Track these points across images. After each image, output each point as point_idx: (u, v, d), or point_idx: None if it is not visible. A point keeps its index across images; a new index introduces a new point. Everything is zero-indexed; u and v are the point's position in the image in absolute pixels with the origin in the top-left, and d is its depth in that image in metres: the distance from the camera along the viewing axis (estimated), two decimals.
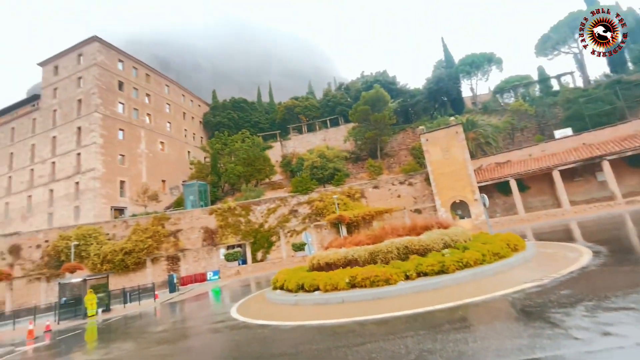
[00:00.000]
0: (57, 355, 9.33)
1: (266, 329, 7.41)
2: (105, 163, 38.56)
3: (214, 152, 46.88)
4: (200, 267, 29.77)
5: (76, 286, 18.56)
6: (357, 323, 6.50)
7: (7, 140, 45.08)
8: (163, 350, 7.46)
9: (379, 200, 33.69)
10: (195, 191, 37.49)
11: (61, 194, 38.79)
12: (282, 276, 11.88)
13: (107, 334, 11.38)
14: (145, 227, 30.66)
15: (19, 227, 38.19)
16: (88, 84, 40.62)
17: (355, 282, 8.80)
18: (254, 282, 20.79)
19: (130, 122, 43.51)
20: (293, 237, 31.34)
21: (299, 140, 57.63)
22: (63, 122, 41.20)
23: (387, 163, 46.20)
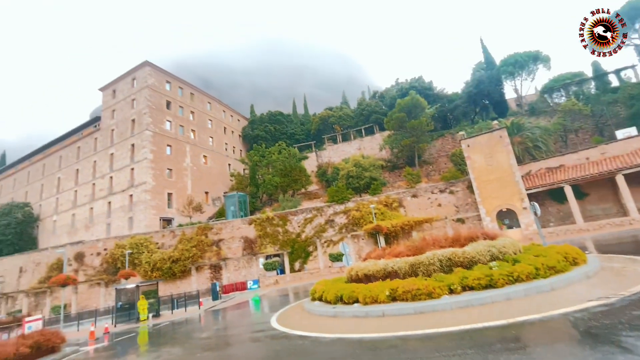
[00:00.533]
0: (114, 356, 10.05)
1: (306, 340, 7.40)
2: (155, 177, 41.56)
3: (252, 164, 48.64)
4: (241, 276, 30.65)
5: (130, 292, 19.99)
6: (399, 338, 6.26)
7: (73, 158, 50.42)
8: (207, 357, 7.73)
9: (417, 210, 32.61)
10: (236, 202, 39.00)
11: (117, 205, 42.35)
12: (320, 287, 11.85)
13: (157, 338, 12.06)
14: (190, 236, 32.36)
15: (83, 236, 42.21)
16: (140, 105, 44.40)
17: (395, 295, 8.53)
18: (292, 292, 20.95)
19: (176, 138, 46.68)
20: (330, 247, 31.24)
21: (334, 150, 57.93)
22: (119, 140, 45.26)
23: (425, 171, 44.77)
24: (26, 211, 49.09)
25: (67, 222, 46.99)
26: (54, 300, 30.14)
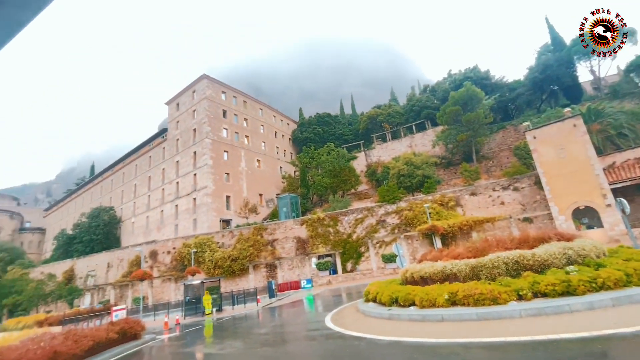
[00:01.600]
0: (185, 345, 11.02)
1: (361, 342, 7.34)
2: (215, 181, 44.70)
3: (302, 166, 49.75)
4: (295, 275, 31.50)
5: (196, 287, 21.75)
6: (460, 345, 5.90)
7: (146, 166, 56.48)
8: (266, 352, 8.07)
9: (477, 209, 30.45)
10: (288, 203, 40.22)
11: (183, 208, 46.39)
12: (374, 288, 11.68)
13: (220, 331, 12.94)
14: (247, 236, 34.17)
15: (155, 236, 47.02)
16: (200, 115, 48.15)
17: (455, 299, 8.05)
18: (345, 292, 20.94)
19: (232, 144, 49.71)
20: (382, 248, 30.62)
21: (384, 149, 56.76)
22: (183, 149, 49.56)
23: (484, 167, 41.67)
24: (111, 214, 56.17)
25: (142, 223, 52.76)
26: (135, 292, 34.03)
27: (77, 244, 51.90)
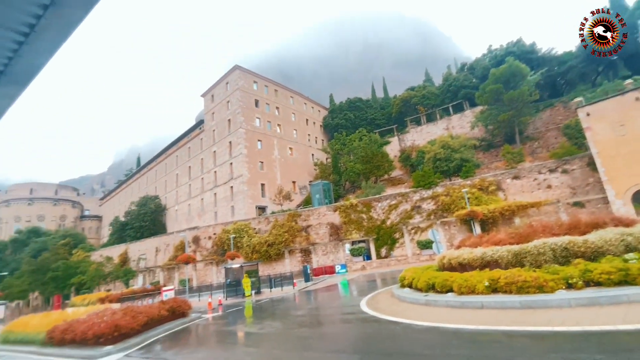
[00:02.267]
0: (228, 324, 11.74)
1: (397, 326, 7.36)
2: (250, 169, 46.09)
3: (334, 152, 49.64)
4: (329, 260, 32.00)
5: (236, 271, 22.89)
6: (503, 333, 5.71)
7: (186, 157, 59.47)
8: (303, 333, 8.38)
9: (520, 193, 28.72)
10: (320, 190, 40.55)
11: (222, 196, 48.50)
12: (410, 274, 11.57)
13: (259, 312, 13.59)
14: (282, 223, 35.09)
15: (197, 222, 49.82)
16: (234, 106, 49.43)
17: (497, 287, 7.75)
18: (379, 278, 20.95)
19: (265, 133, 50.67)
20: (418, 234, 30.04)
21: (418, 133, 54.89)
22: (219, 139, 51.40)
23: (529, 148, 38.98)
24: (156, 202, 60.23)
25: (185, 211, 56.06)
26: (181, 274, 36.59)
27: (129, 230, 56.52)
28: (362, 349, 6.07)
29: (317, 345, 7.01)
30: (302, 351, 6.54)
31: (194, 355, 7.57)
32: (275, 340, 7.98)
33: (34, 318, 14.04)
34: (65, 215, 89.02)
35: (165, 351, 8.47)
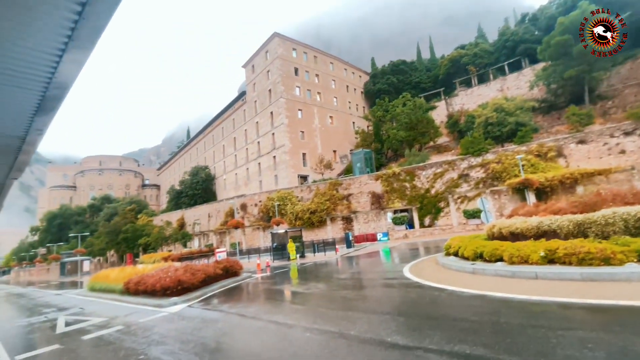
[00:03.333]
0: (276, 284, 12.59)
1: (442, 292, 7.32)
2: (291, 139, 46.67)
3: (375, 120, 48.14)
4: (370, 228, 32.24)
5: (281, 236, 24.09)
6: (558, 304, 5.42)
7: (231, 128, 61.69)
8: (347, 295, 8.71)
9: (586, 159, 25.91)
10: (362, 158, 40.08)
11: (265, 166, 50.18)
12: (456, 242, 11.27)
13: (304, 274, 14.33)
14: (324, 191, 35.66)
15: (243, 191, 52.52)
16: (274, 75, 49.37)
17: (554, 257, 7.26)
18: (422, 246, 20.75)
19: (305, 102, 50.35)
20: (464, 203, 28.84)
21: (468, 96, 50.86)
22: (261, 110, 52.25)
23: (600, 109, 34.44)
24: (206, 172, 64.20)
25: (232, 180, 59.19)
26: (231, 238, 39.45)
27: (183, 198, 61.46)
28: (406, 312, 6.18)
29: (361, 306, 7.26)
30: (346, 310, 6.83)
31: (247, 309, 8.29)
32: (320, 299, 8.41)
33: (112, 271, 16.25)
34: (129, 184, 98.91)
35: (222, 304, 9.38)
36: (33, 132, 2.39)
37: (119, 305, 11.47)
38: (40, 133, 2.43)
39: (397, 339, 4.69)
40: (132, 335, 7.02)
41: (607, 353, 3.45)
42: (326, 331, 5.53)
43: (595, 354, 3.46)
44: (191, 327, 7.08)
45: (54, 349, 6.85)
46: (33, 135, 2.42)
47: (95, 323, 8.90)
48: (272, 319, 6.91)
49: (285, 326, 6.25)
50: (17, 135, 2.39)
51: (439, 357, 3.90)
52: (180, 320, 7.92)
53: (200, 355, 5.14)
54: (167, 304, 10.08)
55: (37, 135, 2.46)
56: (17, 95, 2.14)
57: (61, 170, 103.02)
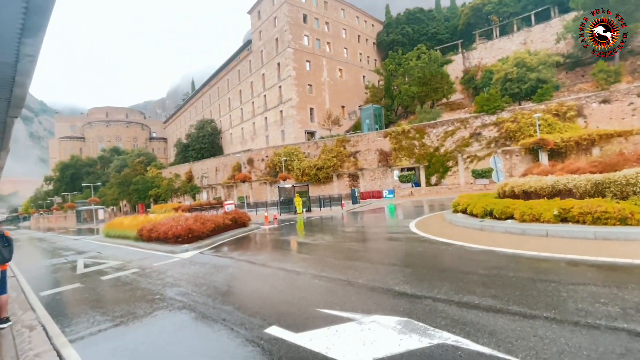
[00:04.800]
0: (283, 235, 12.91)
1: (449, 247, 7.37)
2: (298, 93, 45.18)
3: (387, 74, 45.90)
4: (376, 186, 32.35)
5: (288, 190, 24.33)
6: (567, 261, 5.39)
7: (236, 80, 59.68)
8: (353, 246, 8.87)
9: (607, 120, 24.81)
10: (371, 115, 38.98)
11: (272, 120, 49.29)
12: (464, 200, 11.19)
13: (310, 227, 14.64)
14: (331, 148, 35.27)
15: (250, 145, 52.31)
16: (281, 22, 46.35)
17: (567, 216, 7.14)
18: (427, 204, 20.85)
19: (314, 52, 47.82)
20: (473, 162, 28.42)
21: (487, 49, 47.69)
22: (267, 61, 49.97)
23: (631, 65, 32.23)
24: (212, 126, 63.56)
25: (238, 134, 58.70)
26: (239, 192, 40.14)
27: (190, 151, 61.67)
28: (413, 264, 6.25)
29: (368, 257, 7.39)
30: (353, 261, 6.96)
31: (256, 257, 8.54)
32: (327, 250, 8.59)
33: (126, 219, 16.77)
34: (137, 137, 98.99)
35: (232, 252, 9.68)
36: (24, 59, 2.14)
37: (133, 250, 11.97)
38: (32, 60, 2.18)
39: (405, 288, 4.76)
40: (147, 278, 7.34)
41: (621, 308, 3.42)
42: (334, 279, 5.66)
43: (609, 309, 3.43)
44: (203, 272, 7.35)
45: (75, 287, 7.23)
46: (24, 63, 2.18)
47: (112, 265, 9.33)
48: (280, 267, 7.11)
49: (293, 273, 6.42)
50: (7, 61, 2.15)
51: (447, 306, 3.94)
52: (192, 265, 8.22)
53: (213, 297, 5.34)
54: (179, 250, 10.45)
55: (29, 63, 2.21)
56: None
57: (68, 121, 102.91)
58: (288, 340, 3.47)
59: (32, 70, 2.48)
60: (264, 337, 3.62)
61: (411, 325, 3.53)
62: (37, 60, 2.35)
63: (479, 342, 3.02)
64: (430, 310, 3.87)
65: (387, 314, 3.87)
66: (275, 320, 4.04)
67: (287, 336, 3.58)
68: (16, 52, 2.21)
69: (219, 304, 4.98)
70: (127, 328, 4.39)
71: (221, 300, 5.17)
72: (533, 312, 3.54)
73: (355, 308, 4.17)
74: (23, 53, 2.21)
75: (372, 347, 3.13)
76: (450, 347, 3.01)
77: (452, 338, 3.16)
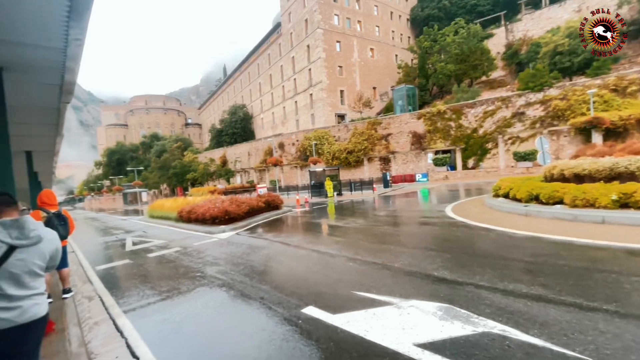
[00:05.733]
0: (315, 217, 13.01)
1: (490, 232, 7.01)
2: (328, 75, 44.44)
3: (421, 51, 43.66)
4: (409, 169, 31.50)
5: (318, 174, 24.39)
6: (629, 251, 4.90)
7: (266, 64, 59.80)
8: (387, 230, 8.72)
9: None
10: (404, 95, 37.57)
11: (302, 104, 49.16)
12: (506, 184, 10.55)
13: (342, 210, 14.62)
14: (361, 131, 34.64)
15: (281, 130, 52.78)
16: (310, 2, 45.30)
17: (628, 201, 6.47)
18: (464, 188, 19.97)
19: (344, 32, 46.46)
20: (515, 144, 26.68)
21: (534, 20, 43.67)
22: (297, 43, 49.37)
23: None
24: (244, 111, 64.71)
25: (269, 119, 59.33)
26: (270, 176, 40.96)
27: (224, 136, 63.50)
28: (451, 249, 6.02)
29: (403, 241, 7.24)
30: (388, 244, 6.84)
31: (290, 239, 8.69)
32: (360, 233, 8.53)
33: (167, 201, 17.76)
34: (174, 123, 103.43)
35: (266, 233, 9.93)
36: (72, 44, 2.20)
37: (174, 231, 12.69)
38: (80, 44, 2.24)
39: (444, 274, 4.60)
40: (189, 256, 7.74)
41: None
42: (369, 262, 5.60)
43: None
44: (240, 252, 7.61)
45: (125, 262, 7.81)
46: (73, 47, 2.25)
47: (156, 244, 9.95)
48: (314, 248, 7.17)
49: (327, 255, 6.44)
50: (57, 46, 2.23)
51: (491, 294, 3.75)
52: (230, 246, 8.54)
53: (250, 276, 5.51)
54: (217, 231, 10.90)
55: (77, 47, 2.28)
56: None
57: (113, 109, 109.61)
58: (325, 321, 3.49)
59: (80, 54, 2.54)
60: (301, 317, 3.67)
61: (453, 311, 3.40)
62: (84, 44, 2.40)
63: (529, 333, 2.84)
64: (472, 297, 3.71)
65: (427, 300, 3.76)
66: (312, 301, 4.09)
67: (324, 317, 3.60)
68: (65, 37, 2.26)
69: (256, 282, 5.13)
70: (172, 302, 4.67)
71: (258, 279, 5.32)
72: (591, 304, 3.26)
73: (393, 292, 4.10)
74: (71, 37, 2.26)
75: (412, 332, 3.06)
76: (497, 336, 2.86)
77: (498, 327, 3.00)
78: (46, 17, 1.94)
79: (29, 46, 2.22)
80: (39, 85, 2.85)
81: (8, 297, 1.91)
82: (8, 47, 2.18)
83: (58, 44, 2.30)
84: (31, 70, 2.55)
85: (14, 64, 2.40)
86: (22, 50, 2.26)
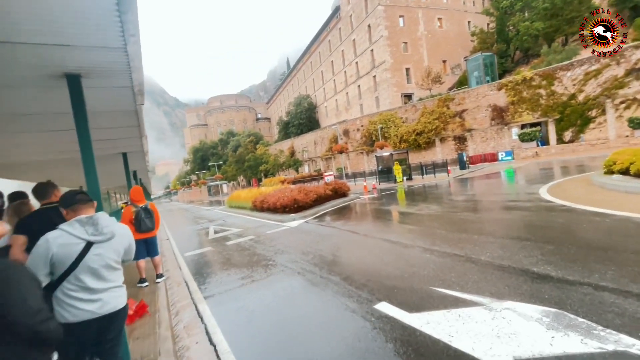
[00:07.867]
0: (384, 204, 12.48)
1: (606, 218, 5.68)
2: (392, 53, 42.14)
3: (499, 13, 38.30)
4: (489, 147, 28.33)
5: (386, 159, 23.44)
6: None
7: (327, 52, 59.43)
8: (468, 217, 7.79)
9: None
10: (480, 65, 33.64)
11: (365, 88, 47.78)
12: (622, 157, 8.54)
13: (412, 196, 13.74)
14: (432, 109, 32.17)
15: (344, 116, 52.32)
16: None
17: None
18: (559, 166, 17.04)
19: (407, 5, 43.34)
20: (630, 109, 21.79)
21: None
22: (357, 24, 47.78)
23: None
24: (308, 101, 65.78)
25: (333, 106, 59.25)
26: (337, 163, 41.08)
27: (291, 127, 65.69)
28: (553, 239, 5.01)
29: (488, 229, 6.34)
30: (470, 234, 6.07)
31: (359, 227, 8.40)
32: (435, 221, 7.80)
33: (242, 192, 19.04)
34: (246, 119, 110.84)
35: (334, 222, 9.82)
36: (130, 40, 2.20)
37: (249, 219, 13.49)
38: (136, 40, 2.24)
39: (547, 270, 3.80)
40: (262, 244, 8.05)
41: None
42: (449, 254, 5.00)
43: None
44: (309, 240, 7.62)
45: (207, 250, 8.50)
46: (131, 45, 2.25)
47: (234, 232, 10.66)
48: (385, 238, 6.76)
49: (400, 245, 5.99)
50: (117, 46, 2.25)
51: (621, 299, 2.92)
52: (299, 234, 8.65)
53: (320, 266, 5.40)
54: (287, 219, 11.21)
55: (134, 44, 2.29)
56: None
57: (194, 111, 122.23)
58: (401, 321, 3.14)
59: (140, 52, 2.54)
60: (375, 314, 3.38)
61: (565, 319, 2.72)
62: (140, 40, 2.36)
63: None
64: (592, 302, 2.94)
65: (527, 301, 3.11)
66: (385, 296, 3.75)
67: (399, 315, 3.25)
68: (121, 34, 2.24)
69: (325, 273, 5.00)
70: (246, 290, 4.81)
71: (327, 269, 5.18)
72: None
73: (481, 290, 3.52)
74: (127, 34, 2.22)
75: (510, 342, 2.52)
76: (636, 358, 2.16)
77: (637, 345, 2.27)
78: (98, 15, 1.91)
79: (93, 49, 2.26)
80: (114, 89, 2.99)
81: (90, 290, 2.00)
82: (76, 52, 2.25)
83: (117, 42, 2.29)
84: (104, 74, 2.65)
85: (87, 69, 2.50)
86: (89, 54, 2.32)
